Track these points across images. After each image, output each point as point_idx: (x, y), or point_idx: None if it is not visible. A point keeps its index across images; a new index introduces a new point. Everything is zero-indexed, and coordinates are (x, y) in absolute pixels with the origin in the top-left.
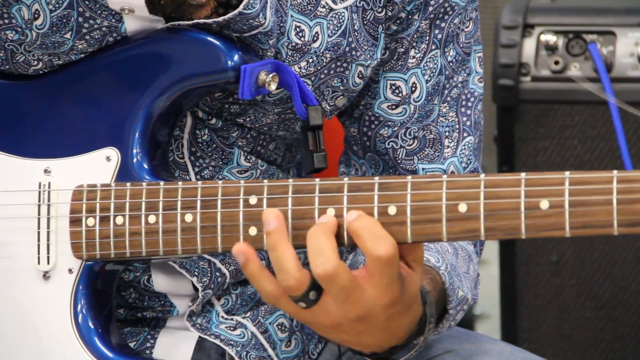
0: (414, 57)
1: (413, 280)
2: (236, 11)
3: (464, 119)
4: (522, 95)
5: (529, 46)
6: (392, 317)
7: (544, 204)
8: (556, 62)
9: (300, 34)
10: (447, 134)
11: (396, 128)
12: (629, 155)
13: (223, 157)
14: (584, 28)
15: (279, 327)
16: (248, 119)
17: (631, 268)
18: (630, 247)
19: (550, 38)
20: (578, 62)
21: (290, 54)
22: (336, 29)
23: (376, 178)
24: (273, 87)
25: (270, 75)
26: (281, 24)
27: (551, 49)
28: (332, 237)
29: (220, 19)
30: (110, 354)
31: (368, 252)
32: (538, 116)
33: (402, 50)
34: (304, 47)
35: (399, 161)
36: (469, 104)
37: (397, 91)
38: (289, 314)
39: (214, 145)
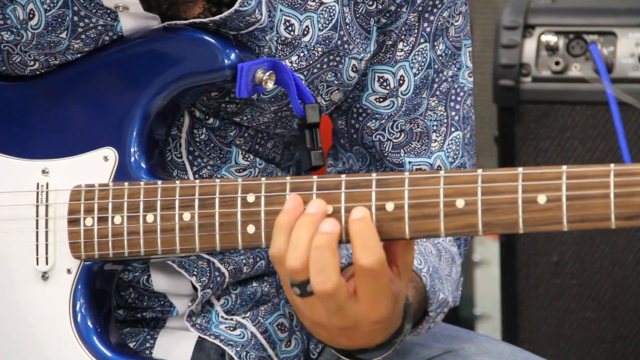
0: (402, 50)
1: (402, 294)
2: (232, 9)
3: (453, 113)
4: (523, 95)
5: (529, 47)
6: (375, 331)
7: (542, 199)
8: (557, 63)
9: (290, 28)
10: (434, 128)
11: (383, 121)
12: (630, 155)
13: (221, 156)
14: (585, 28)
15: (279, 327)
16: (245, 118)
17: (632, 269)
18: (631, 247)
19: (550, 38)
20: (579, 62)
21: (280, 48)
22: (327, 22)
23: (374, 174)
24: (270, 85)
25: (267, 74)
26: (270, 18)
27: (552, 49)
28: (337, 252)
29: (217, 17)
30: (109, 354)
31: (355, 258)
32: (539, 117)
33: (391, 42)
34: (293, 41)
35: (385, 154)
36: (458, 99)
37: (384, 84)
38: (282, 283)
39: (212, 145)
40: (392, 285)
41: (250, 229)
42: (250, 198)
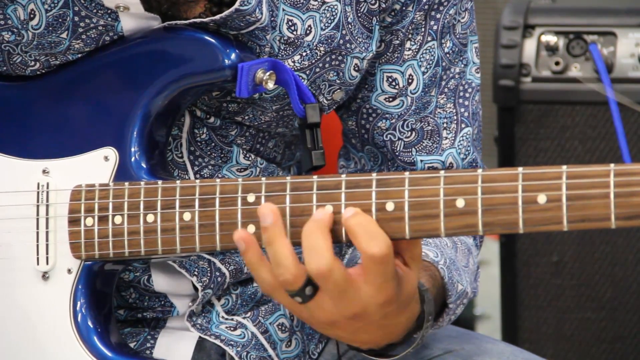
0: (409, 49)
1: (410, 278)
2: (233, 8)
3: (462, 110)
4: (523, 95)
5: (529, 47)
6: (388, 316)
7: (542, 198)
8: (557, 63)
9: (293, 28)
10: (445, 125)
11: (394, 120)
12: (630, 155)
13: (222, 155)
14: (585, 29)
15: (280, 327)
16: (247, 117)
17: (632, 269)
18: (630, 247)
19: (550, 39)
20: (579, 62)
21: (282, 47)
22: (329, 22)
23: (374, 174)
24: (270, 85)
25: (268, 74)
26: (272, 18)
27: (552, 49)
28: (328, 234)
29: (217, 17)
30: (109, 354)
31: (362, 250)
32: (539, 117)
33: (398, 42)
34: (296, 41)
35: (397, 153)
36: (467, 95)
37: (393, 83)
38: (285, 306)
39: (213, 144)
40: (397, 268)
41: (251, 228)
42: (251, 198)
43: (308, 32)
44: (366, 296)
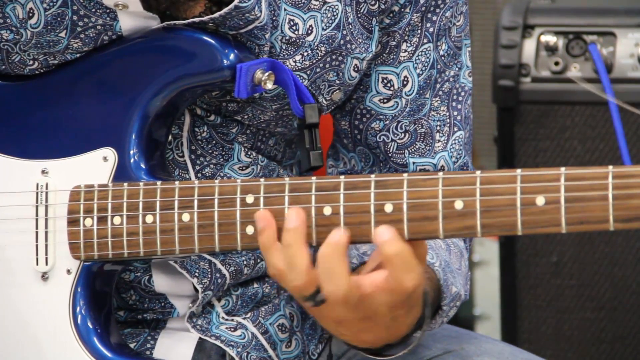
0: (405, 50)
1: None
2: (232, 5)
3: (455, 113)
4: (522, 96)
5: (529, 47)
6: (397, 318)
7: (540, 200)
8: (556, 63)
9: (294, 28)
10: (438, 128)
11: (387, 122)
12: (629, 155)
13: (223, 153)
14: (584, 29)
15: (280, 327)
16: (246, 116)
17: (631, 269)
18: (630, 247)
19: (550, 39)
20: (578, 62)
21: (284, 47)
22: (330, 22)
23: (372, 176)
24: (269, 85)
25: (266, 74)
26: (274, 18)
27: (551, 49)
28: (344, 258)
29: (216, 14)
30: (109, 354)
31: (397, 281)
32: (538, 117)
33: (394, 43)
34: (298, 41)
35: (389, 155)
36: (460, 99)
37: (388, 85)
38: (293, 295)
39: (214, 142)
40: None
41: (249, 230)
42: (249, 199)
43: (309, 32)
44: (379, 303)
